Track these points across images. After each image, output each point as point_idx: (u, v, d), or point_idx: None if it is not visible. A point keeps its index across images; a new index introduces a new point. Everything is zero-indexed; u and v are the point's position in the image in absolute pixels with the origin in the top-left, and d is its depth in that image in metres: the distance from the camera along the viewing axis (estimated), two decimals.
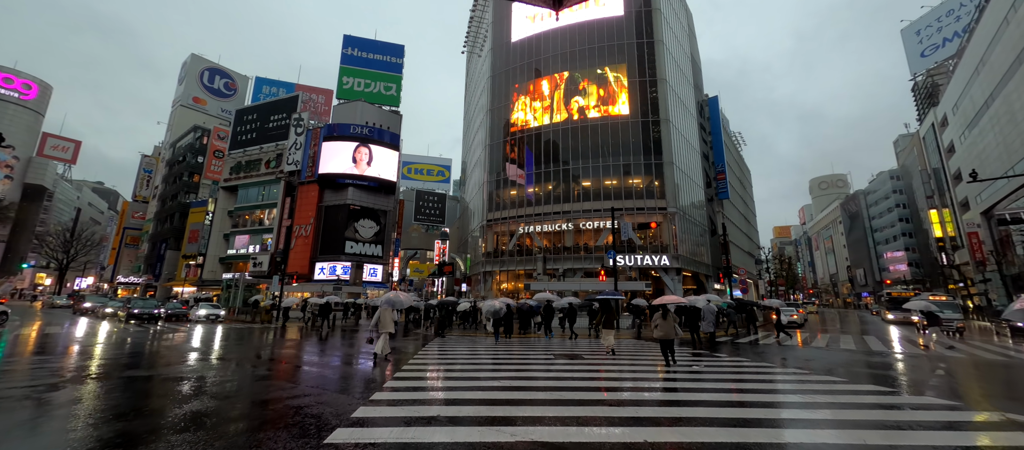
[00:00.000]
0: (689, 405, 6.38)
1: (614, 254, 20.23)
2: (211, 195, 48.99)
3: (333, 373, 9.32)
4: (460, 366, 10.23)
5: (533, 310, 17.70)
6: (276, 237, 42.37)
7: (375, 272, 41.07)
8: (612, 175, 32.29)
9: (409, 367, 10.05)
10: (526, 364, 10.61)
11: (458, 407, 6.09)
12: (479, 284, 36.58)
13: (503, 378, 8.49)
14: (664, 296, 15.69)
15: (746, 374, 9.35)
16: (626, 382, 8.44)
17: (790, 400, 6.94)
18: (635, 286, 26.78)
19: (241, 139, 49.34)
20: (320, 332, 19.54)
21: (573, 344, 15.50)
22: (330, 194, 41.72)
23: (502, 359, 11.58)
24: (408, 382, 8.05)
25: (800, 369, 10.22)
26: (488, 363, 10.77)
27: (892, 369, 10.55)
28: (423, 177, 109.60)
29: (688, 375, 9.18)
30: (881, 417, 5.86)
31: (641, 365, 10.75)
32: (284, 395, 6.79)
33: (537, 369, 9.86)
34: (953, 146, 46.09)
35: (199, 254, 47.07)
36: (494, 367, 10.09)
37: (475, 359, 11.57)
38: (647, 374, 9.37)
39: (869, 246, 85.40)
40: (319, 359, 11.46)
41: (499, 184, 37.24)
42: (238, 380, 8.06)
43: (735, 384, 8.20)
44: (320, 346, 14.63)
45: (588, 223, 32.08)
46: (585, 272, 30.40)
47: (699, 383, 8.25)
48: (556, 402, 6.44)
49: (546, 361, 11.08)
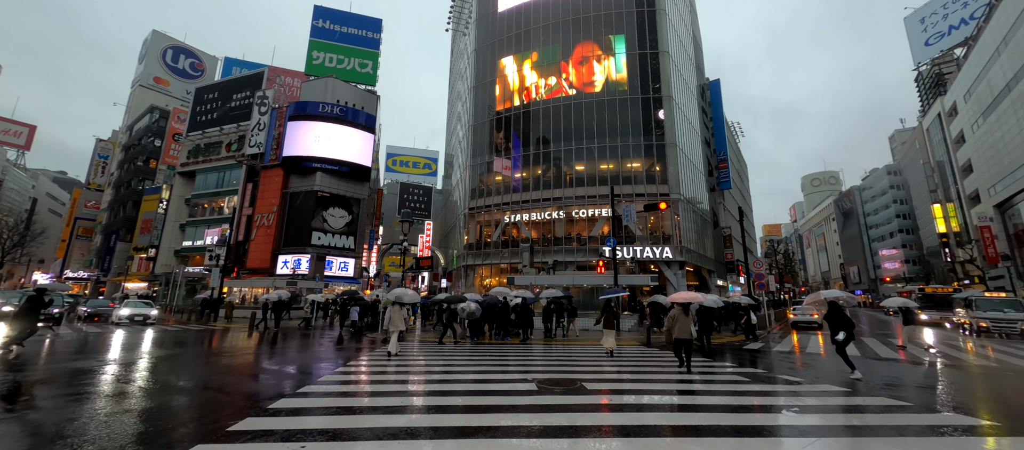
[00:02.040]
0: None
1: (614, 242, 16.82)
2: (166, 181, 44.39)
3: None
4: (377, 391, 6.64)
5: (501, 308, 14.22)
6: (235, 227, 38.13)
7: (346, 266, 37.15)
8: (609, 158, 28.90)
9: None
10: (501, 388, 7.05)
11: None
12: (460, 279, 32.93)
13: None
14: (682, 293, 12.51)
15: (804, 399, 5.93)
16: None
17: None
18: (638, 280, 23.39)
19: (200, 120, 44.87)
20: (264, 335, 15.88)
21: (563, 351, 12.02)
22: (296, 179, 37.62)
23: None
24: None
25: (894, 398, 6.81)
26: (460, 374, 7.19)
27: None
28: (408, 170, 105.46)
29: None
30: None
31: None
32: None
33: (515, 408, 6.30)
34: (963, 136, 43.82)
35: (151, 246, 42.59)
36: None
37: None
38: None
39: (864, 243, 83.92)
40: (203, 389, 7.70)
41: (483, 168, 33.60)
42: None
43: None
44: (252, 358, 10.84)
45: (581, 211, 28.66)
46: (578, 265, 27.03)
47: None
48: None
49: (526, 393, 7.47)
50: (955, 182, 47.50)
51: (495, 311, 13.81)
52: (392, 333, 11.15)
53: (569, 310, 15.01)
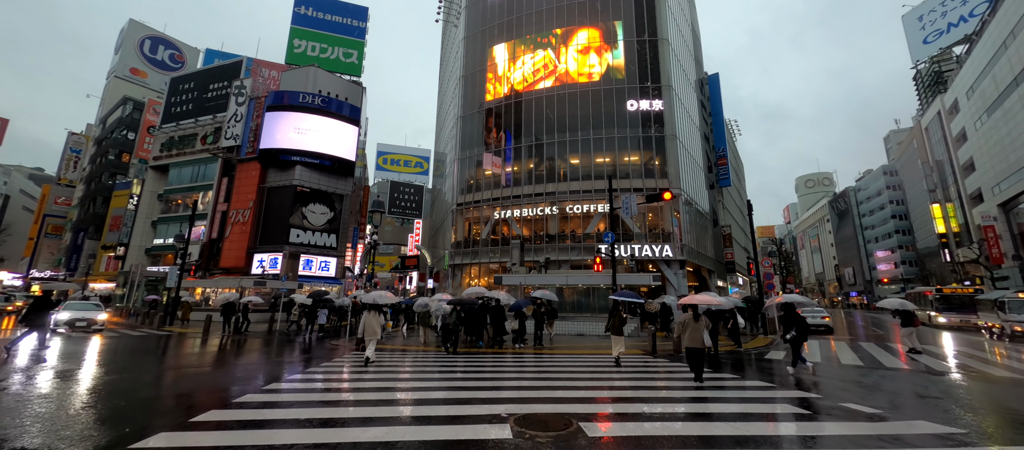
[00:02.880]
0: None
1: (612, 237, 15.09)
2: (137, 176, 41.99)
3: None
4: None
5: (477, 310, 12.46)
6: (209, 223, 35.92)
7: (327, 266, 35.07)
8: (605, 150, 27.23)
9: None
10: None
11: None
12: (448, 279, 31.04)
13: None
14: (694, 295, 10.88)
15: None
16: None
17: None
18: (638, 279, 21.65)
19: (175, 112, 42.54)
20: (223, 342, 13.98)
21: (549, 364, 10.26)
22: (274, 173, 35.48)
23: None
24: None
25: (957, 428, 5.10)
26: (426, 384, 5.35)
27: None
28: (400, 168, 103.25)
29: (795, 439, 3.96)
30: None
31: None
32: None
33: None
34: (965, 134, 42.90)
35: (120, 244, 40.15)
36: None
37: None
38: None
39: (859, 244, 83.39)
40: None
41: (472, 162, 31.77)
42: None
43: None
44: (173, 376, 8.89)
45: (576, 206, 26.94)
46: (573, 264, 25.30)
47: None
48: None
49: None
50: (955, 181, 46.61)
51: (471, 314, 11.99)
52: (369, 340, 10.12)
53: (548, 312, 13.22)
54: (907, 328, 12.14)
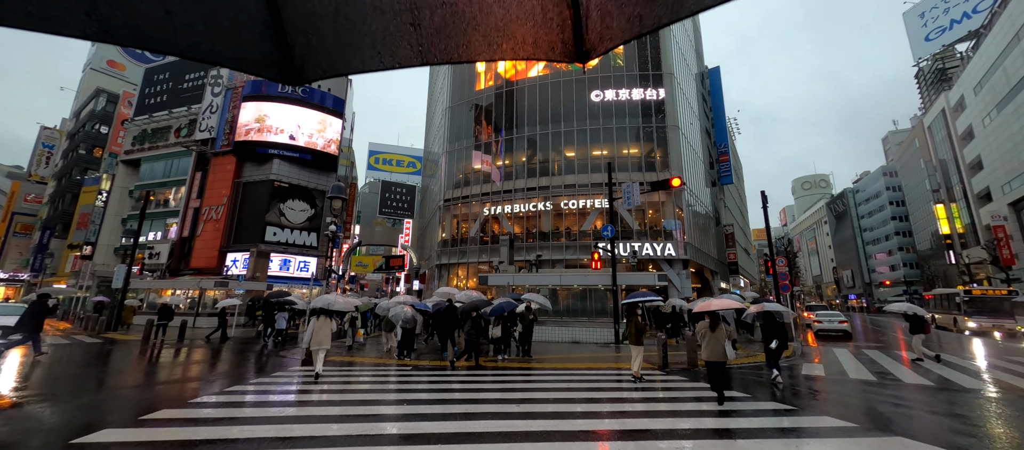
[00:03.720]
0: None
1: (612, 230, 13.19)
2: (107, 171, 39.65)
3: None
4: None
5: (443, 314, 10.61)
6: (181, 221, 33.70)
7: (306, 266, 32.91)
8: (602, 141, 25.41)
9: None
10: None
11: None
12: (433, 280, 29.02)
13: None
14: (713, 300, 9.12)
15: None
16: None
17: None
18: (641, 279, 19.67)
19: (149, 103, 40.31)
20: (152, 351, 11.95)
21: (525, 384, 8.34)
22: (251, 168, 33.32)
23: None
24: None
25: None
26: None
27: None
28: (392, 168, 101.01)
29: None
30: None
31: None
32: None
33: None
34: (971, 131, 41.61)
35: (87, 243, 37.72)
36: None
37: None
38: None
39: (858, 246, 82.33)
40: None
41: (461, 155, 29.84)
42: None
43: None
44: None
45: (571, 202, 25.06)
46: (567, 263, 23.41)
47: None
48: None
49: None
50: (961, 180, 45.31)
51: (440, 319, 10.10)
52: (317, 351, 8.68)
53: (523, 318, 11.23)
54: (917, 335, 11.13)
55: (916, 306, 11.55)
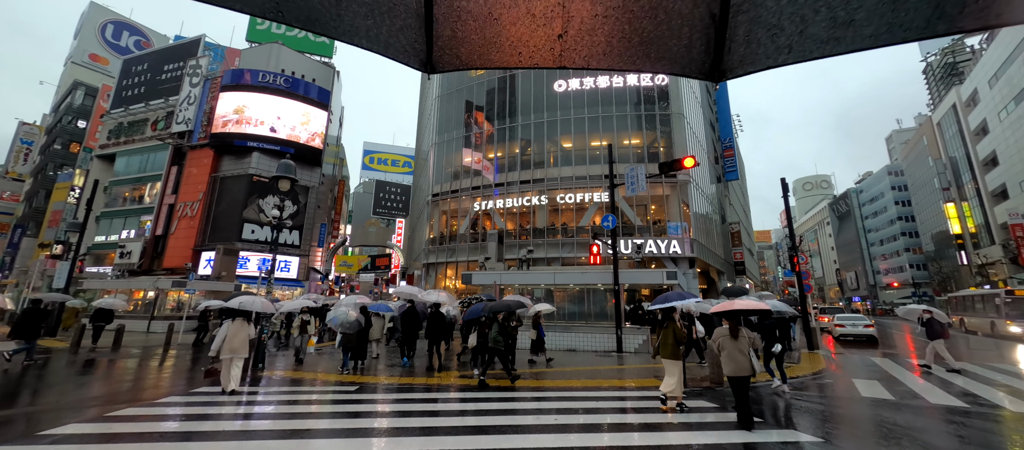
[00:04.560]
0: None
1: (614, 220, 11.37)
2: (81, 166, 37.75)
3: None
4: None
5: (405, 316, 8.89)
6: (155, 218, 31.80)
7: (288, 266, 31.03)
8: (602, 130, 23.59)
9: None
10: None
11: None
12: (421, 281, 27.13)
13: None
14: (735, 301, 7.35)
15: None
16: None
17: None
18: (646, 277, 17.68)
19: (126, 95, 38.47)
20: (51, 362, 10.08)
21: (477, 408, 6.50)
22: (229, 161, 31.48)
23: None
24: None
25: None
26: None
27: None
28: (387, 168, 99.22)
29: None
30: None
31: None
32: None
33: None
34: (986, 126, 39.97)
35: (59, 242, 35.74)
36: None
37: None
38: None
39: (862, 247, 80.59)
40: None
41: (451, 147, 27.99)
42: None
43: None
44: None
45: (568, 195, 23.23)
46: (563, 261, 21.55)
47: None
48: None
49: None
50: (974, 178, 43.64)
51: (404, 323, 8.30)
52: (229, 360, 7.32)
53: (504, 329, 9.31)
54: (935, 340, 10.23)
55: (933, 308, 10.57)
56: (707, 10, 0.98)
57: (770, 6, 0.90)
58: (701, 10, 0.98)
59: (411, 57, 1.21)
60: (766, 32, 0.94)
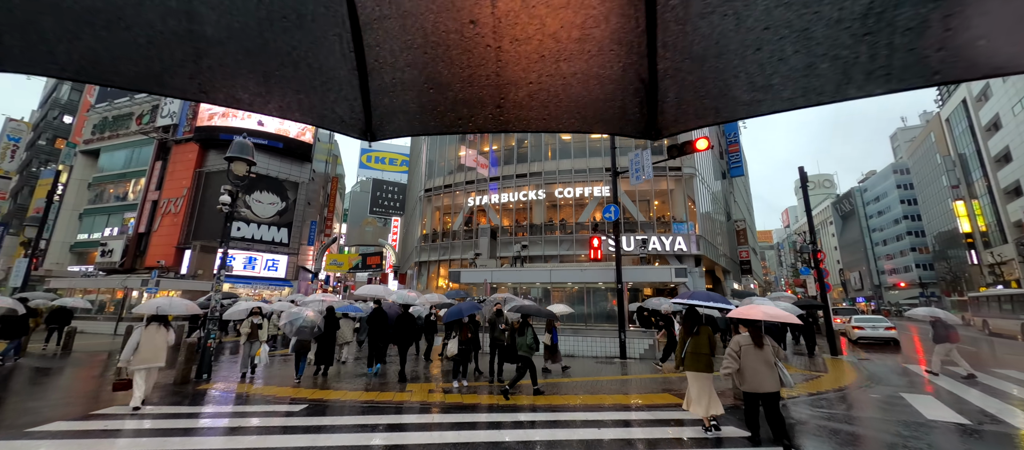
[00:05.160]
0: None
1: (617, 211, 10.17)
2: (64, 161, 36.57)
3: None
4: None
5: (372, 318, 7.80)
6: (138, 215, 30.61)
7: (275, 264, 29.89)
8: None
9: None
10: None
11: None
12: (413, 280, 25.92)
13: None
14: (758, 306, 6.13)
15: None
16: None
17: None
18: (653, 274, 16.30)
19: (111, 89, 37.17)
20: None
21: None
22: (214, 156, 30.30)
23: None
24: None
25: None
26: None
27: None
28: (384, 167, 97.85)
29: None
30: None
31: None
32: None
33: None
34: (998, 121, 38.77)
35: (40, 239, 34.49)
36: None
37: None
38: None
39: (866, 247, 79.37)
40: None
41: (443, 138, 26.78)
42: None
43: None
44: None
45: (566, 190, 22.00)
46: (561, 259, 20.34)
47: None
48: None
49: None
50: (985, 175, 42.42)
51: (372, 325, 7.14)
52: (140, 371, 6.19)
53: (493, 331, 8.12)
54: (941, 345, 9.76)
55: (939, 311, 10.18)
56: (636, 76, 1.03)
57: (694, 72, 0.96)
58: (630, 76, 1.04)
59: (349, 128, 1.22)
60: (693, 95, 1.00)
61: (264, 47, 0.98)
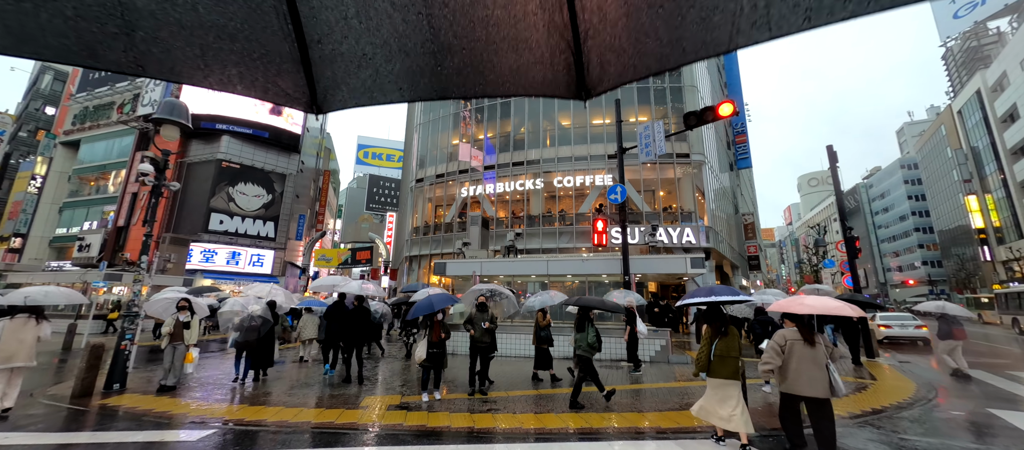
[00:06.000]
0: None
1: (623, 191, 8.80)
2: (43, 153, 35.17)
3: None
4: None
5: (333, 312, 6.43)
6: (118, 208, 29.21)
7: (260, 260, 28.49)
8: (604, 106, 20.93)
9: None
10: None
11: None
12: (404, 274, 24.52)
13: None
14: (803, 298, 4.69)
15: None
16: None
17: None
18: (665, 265, 14.64)
19: (93, 77, 35.89)
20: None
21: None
22: (197, 146, 28.89)
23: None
24: None
25: None
26: None
27: None
28: (380, 163, 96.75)
29: None
30: None
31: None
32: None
33: None
34: (1015, 112, 37.30)
35: (17, 234, 33.17)
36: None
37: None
38: None
39: (872, 244, 77.89)
40: None
41: (437, 127, 25.33)
42: None
43: None
44: None
45: (566, 179, 20.57)
46: (560, 250, 18.95)
47: None
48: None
49: None
50: (999, 168, 40.96)
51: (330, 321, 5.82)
52: (4, 372, 5.07)
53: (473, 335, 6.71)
54: (946, 341, 9.27)
55: (949, 304, 9.64)
56: (562, 39, 1.10)
57: (611, 32, 1.05)
58: (555, 39, 1.10)
59: (294, 101, 1.21)
60: (613, 54, 1.09)
61: (198, 20, 0.96)
